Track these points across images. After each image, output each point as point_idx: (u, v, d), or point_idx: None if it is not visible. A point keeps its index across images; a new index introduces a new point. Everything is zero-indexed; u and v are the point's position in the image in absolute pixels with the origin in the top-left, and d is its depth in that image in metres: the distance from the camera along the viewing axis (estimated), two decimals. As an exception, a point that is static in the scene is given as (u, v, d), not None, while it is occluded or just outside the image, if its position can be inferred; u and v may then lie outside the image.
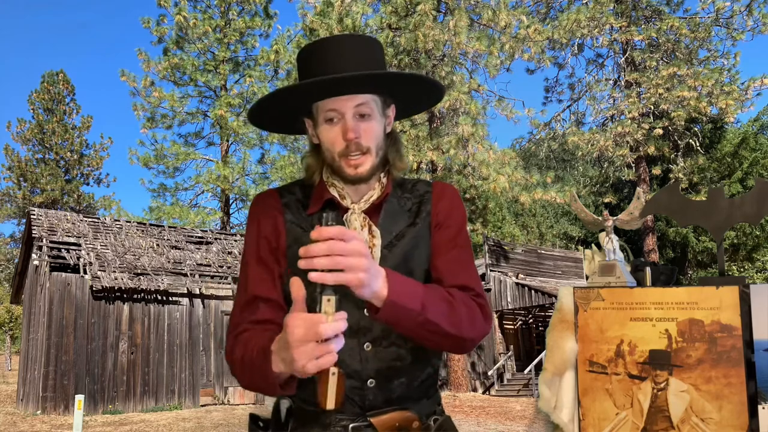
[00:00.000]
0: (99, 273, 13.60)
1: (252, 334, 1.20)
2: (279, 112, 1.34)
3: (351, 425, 1.23)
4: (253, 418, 1.36)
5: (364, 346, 1.24)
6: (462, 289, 1.26)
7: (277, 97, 1.29)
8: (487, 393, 18.86)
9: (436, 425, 1.29)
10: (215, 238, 17.32)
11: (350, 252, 0.97)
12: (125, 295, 13.77)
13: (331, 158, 1.28)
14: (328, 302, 0.94)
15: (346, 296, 1.10)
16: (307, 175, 1.35)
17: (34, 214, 15.33)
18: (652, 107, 21.27)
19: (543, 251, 23.34)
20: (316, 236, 0.96)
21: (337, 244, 0.96)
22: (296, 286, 0.99)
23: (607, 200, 24.95)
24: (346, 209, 1.29)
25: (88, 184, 37.20)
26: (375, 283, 1.04)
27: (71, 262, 13.61)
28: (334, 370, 0.96)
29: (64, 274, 13.31)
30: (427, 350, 1.30)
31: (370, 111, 1.26)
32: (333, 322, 0.94)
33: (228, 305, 15.26)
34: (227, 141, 25.94)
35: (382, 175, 1.33)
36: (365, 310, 1.15)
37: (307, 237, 1.00)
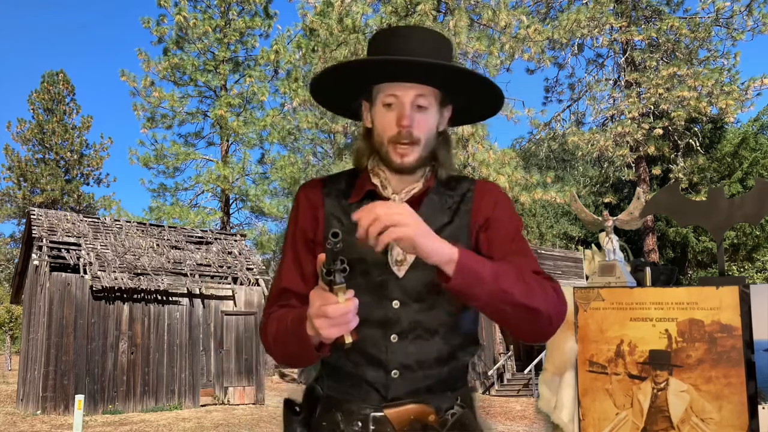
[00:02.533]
0: (99, 273, 13.60)
1: (285, 311, 1.27)
2: (340, 89, 1.36)
3: (372, 414, 1.25)
4: (289, 404, 1.38)
5: (391, 338, 1.26)
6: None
7: (345, 69, 1.31)
8: (487, 393, 18.86)
9: (453, 419, 1.29)
10: (215, 238, 17.32)
11: (390, 213, 1.06)
12: (125, 295, 13.76)
13: (380, 143, 1.29)
14: (339, 290, 1.05)
15: (378, 288, 1.23)
16: (356, 158, 1.37)
17: (34, 214, 15.32)
18: (652, 107, 21.26)
19: (543, 251, 23.34)
20: (358, 217, 1.08)
21: (375, 208, 1.06)
22: (320, 261, 1.07)
23: (607, 200, 24.93)
24: (387, 199, 1.31)
25: (88, 184, 37.20)
26: (436, 244, 1.09)
27: (71, 262, 13.61)
28: (349, 339, 1.09)
29: (64, 274, 13.30)
30: (455, 344, 1.30)
31: (428, 104, 1.28)
32: (343, 303, 1.04)
33: (228, 305, 15.26)
34: (227, 141, 25.93)
35: (427, 170, 1.33)
36: (438, 280, 1.14)
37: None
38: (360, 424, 1.25)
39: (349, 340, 1.08)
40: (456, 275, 1.09)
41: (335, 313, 1.04)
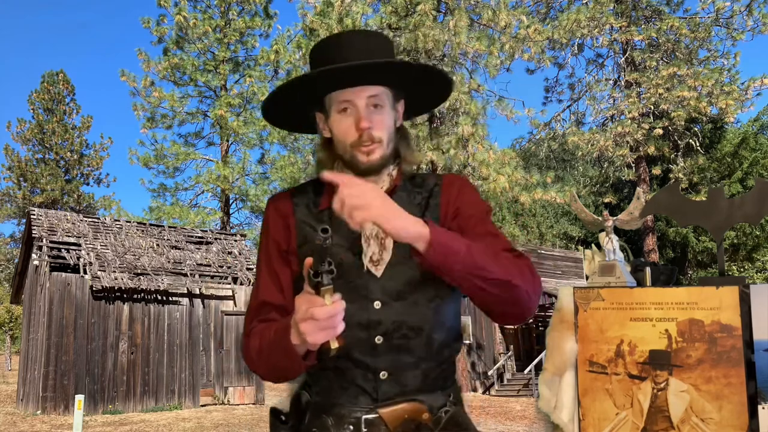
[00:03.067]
0: (99, 273, 13.60)
1: (266, 325, 1.26)
2: (291, 107, 1.37)
3: (364, 417, 1.25)
4: (275, 412, 1.38)
5: (376, 339, 1.25)
6: None
7: (290, 88, 1.31)
8: (487, 393, 18.87)
9: (447, 417, 1.29)
10: (215, 238, 17.32)
11: (351, 195, 1.06)
12: (125, 295, 13.77)
13: (343, 150, 1.30)
14: (326, 292, 1.04)
15: (358, 290, 1.23)
16: (319, 169, 1.36)
17: (34, 214, 15.33)
18: (652, 107, 21.26)
19: (543, 251, 23.34)
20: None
21: (340, 193, 1.07)
22: (307, 265, 1.07)
23: (607, 200, 24.93)
24: None
25: (88, 184, 37.23)
26: (404, 221, 1.10)
27: (71, 262, 13.61)
28: (335, 344, 1.08)
29: (64, 274, 13.30)
30: (440, 340, 1.30)
31: (383, 103, 1.29)
32: (330, 305, 1.03)
33: (228, 305, 15.26)
34: (227, 141, 25.94)
35: (392, 168, 1.34)
36: (413, 257, 1.15)
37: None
38: (351, 427, 1.25)
39: (335, 345, 1.07)
40: (429, 249, 1.10)
41: (322, 315, 1.03)
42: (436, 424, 1.28)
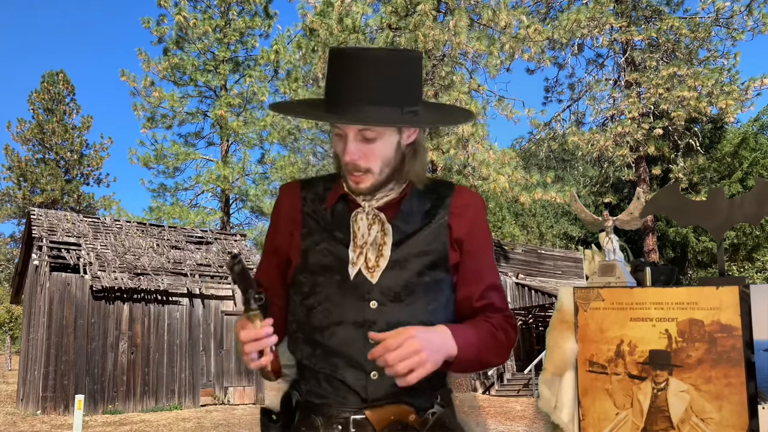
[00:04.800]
0: (99, 273, 13.60)
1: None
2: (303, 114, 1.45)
3: (352, 417, 1.26)
4: (265, 412, 1.39)
5: (369, 339, 1.25)
6: (490, 307, 1.36)
7: (292, 113, 1.43)
8: (487, 393, 18.86)
9: (434, 419, 1.30)
10: (215, 238, 17.32)
11: (406, 354, 1.14)
12: (125, 295, 13.76)
13: (340, 166, 1.34)
14: (255, 317, 1.13)
15: (355, 288, 1.27)
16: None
17: (34, 214, 15.32)
18: (652, 107, 21.26)
19: (543, 251, 23.33)
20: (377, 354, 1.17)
21: (388, 355, 1.14)
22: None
23: (607, 200, 24.93)
24: (358, 205, 1.33)
25: (88, 184, 37.20)
26: (443, 351, 1.20)
27: (71, 262, 13.61)
28: (269, 368, 1.16)
29: (64, 274, 13.30)
30: None
31: (375, 135, 1.26)
32: (259, 329, 1.13)
33: (228, 305, 15.25)
34: (227, 141, 25.93)
35: (394, 183, 1.34)
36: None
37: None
38: (340, 427, 1.26)
39: (269, 368, 1.15)
40: (454, 368, 1.25)
41: (245, 338, 1.13)
42: (423, 426, 1.29)
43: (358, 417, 1.26)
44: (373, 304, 1.26)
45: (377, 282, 1.27)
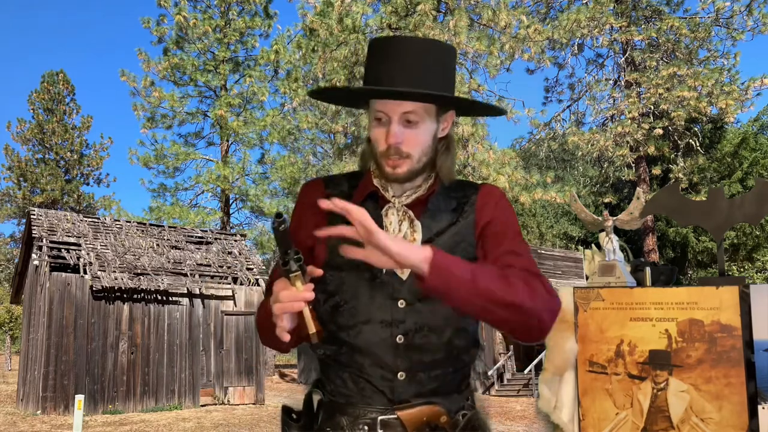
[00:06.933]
0: (99, 273, 13.60)
1: (267, 299, 1.30)
2: (340, 99, 1.50)
3: (380, 418, 1.24)
4: (286, 410, 1.37)
5: (397, 338, 1.25)
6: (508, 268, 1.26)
7: (334, 94, 1.44)
8: (487, 393, 18.86)
9: (465, 420, 1.29)
10: (215, 238, 17.32)
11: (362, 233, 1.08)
12: (125, 295, 13.76)
13: (375, 155, 1.32)
14: (295, 278, 1.10)
15: (383, 287, 1.25)
16: (361, 161, 1.40)
17: (34, 214, 15.32)
18: (652, 107, 21.26)
19: (543, 251, 23.33)
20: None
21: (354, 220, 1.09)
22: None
23: (607, 200, 24.93)
24: (388, 201, 1.33)
25: (88, 184, 37.20)
26: (409, 250, 1.09)
27: (71, 262, 13.60)
28: (313, 329, 1.11)
29: (64, 274, 13.30)
30: (460, 345, 1.30)
31: (418, 119, 1.27)
32: (296, 291, 1.09)
33: (228, 305, 15.25)
34: (227, 141, 25.92)
35: (426, 175, 1.34)
36: (415, 281, 1.14)
37: (349, 225, 1.13)
38: (366, 428, 1.24)
39: (312, 330, 1.10)
40: (431, 275, 1.09)
41: (285, 298, 1.08)
42: (454, 428, 1.27)
43: (386, 417, 1.24)
44: (401, 303, 1.25)
45: (407, 281, 1.26)
